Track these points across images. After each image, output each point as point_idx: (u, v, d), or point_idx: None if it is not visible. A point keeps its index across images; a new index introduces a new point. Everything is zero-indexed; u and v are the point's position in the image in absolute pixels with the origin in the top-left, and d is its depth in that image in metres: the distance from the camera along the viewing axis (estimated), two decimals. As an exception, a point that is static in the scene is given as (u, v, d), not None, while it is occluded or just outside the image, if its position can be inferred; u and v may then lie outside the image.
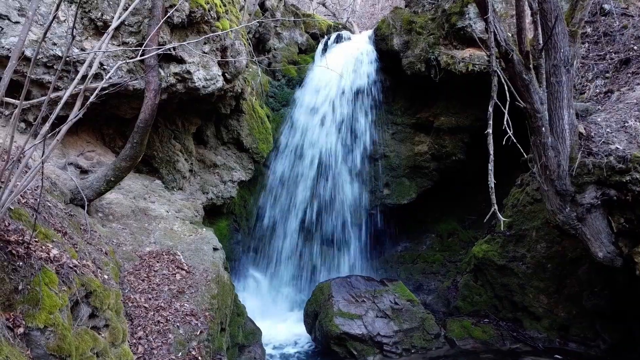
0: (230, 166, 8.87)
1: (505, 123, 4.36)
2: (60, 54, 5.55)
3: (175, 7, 5.83)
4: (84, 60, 5.37)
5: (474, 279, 8.58)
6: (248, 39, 8.71)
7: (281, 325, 8.77)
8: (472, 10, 8.65)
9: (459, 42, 9.16)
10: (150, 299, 4.95)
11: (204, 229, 6.84)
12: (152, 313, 4.77)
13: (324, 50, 11.84)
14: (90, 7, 5.68)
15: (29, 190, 4.12)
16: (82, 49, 5.64)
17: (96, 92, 3.20)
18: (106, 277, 4.21)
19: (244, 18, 8.63)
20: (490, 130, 4.45)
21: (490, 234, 8.53)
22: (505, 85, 4.81)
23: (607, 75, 7.50)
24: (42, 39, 2.78)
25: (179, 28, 6.31)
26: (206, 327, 4.92)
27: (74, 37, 2.94)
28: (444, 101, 10.20)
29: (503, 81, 4.77)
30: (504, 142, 4.35)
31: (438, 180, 10.92)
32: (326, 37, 12.31)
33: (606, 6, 8.40)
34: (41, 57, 5.49)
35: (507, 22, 8.35)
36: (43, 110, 2.93)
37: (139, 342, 4.41)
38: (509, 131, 4.34)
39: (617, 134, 5.97)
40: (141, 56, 4.94)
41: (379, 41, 10.59)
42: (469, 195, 10.82)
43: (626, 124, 6.04)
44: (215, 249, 6.33)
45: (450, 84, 9.53)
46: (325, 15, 17.58)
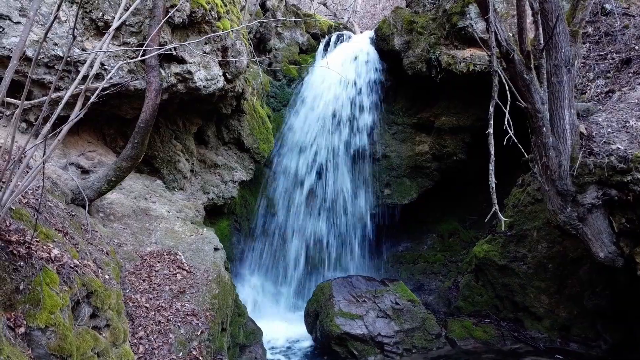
0: (231, 166, 8.87)
1: (506, 123, 4.35)
2: (61, 54, 5.55)
3: (176, 7, 5.83)
4: (85, 60, 5.39)
5: (475, 279, 8.58)
6: (249, 39, 8.71)
7: (282, 325, 8.78)
8: (473, 10, 8.65)
9: (460, 42, 9.15)
10: (151, 298, 4.96)
11: (204, 229, 6.84)
12: (153, 313, 4.77)
13: (325, 50, 11.86)
14: (92, 8, 5.69)
15: (30, 190, 4.13)
16: (83, 49, 5.65)
17: (97, 92, 3.20)
18: (107, 277, 4.22)
19: (244, 18, 8.62)
20: (491, 130, 4.45)
21: (491, 234, 8.52)
22: (506, 85, 4.81)
23: (608, 75, 7.49)
24: (43, 39, 2.78)
25: (179, 28, 6.31)
26: (207, 327, 4.92)
27: (75, 37, 2.94)
28: (445, 101, 10.20)
29: (504, 81, 4.77)
30: (505, 142, 4.35)
31: (439, 180, 10.91)
32: (327, 37, 12.32)
33: (607, 6, 8.39)
34: (42, 58, 5.50)
35: (508, 22, 8.35)
36: (44, 111, 2.93)
37: (139, 342, 4.42)
38: (510, 131, 4.33)
39: (618, 133, 5.96)
40: (142, 56, 4.94)
41: (380, 41, 10.59)
42: (470, 195, 10.82)
43: (627, 124, 6.03)
44: (216, 249, 6.33)
45: (451, 84, 9.52)
46: (326, 16, 17.58)
